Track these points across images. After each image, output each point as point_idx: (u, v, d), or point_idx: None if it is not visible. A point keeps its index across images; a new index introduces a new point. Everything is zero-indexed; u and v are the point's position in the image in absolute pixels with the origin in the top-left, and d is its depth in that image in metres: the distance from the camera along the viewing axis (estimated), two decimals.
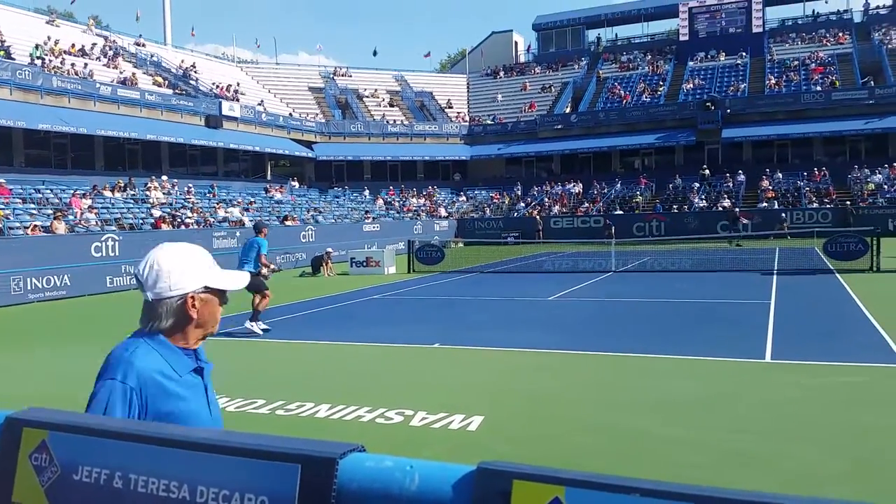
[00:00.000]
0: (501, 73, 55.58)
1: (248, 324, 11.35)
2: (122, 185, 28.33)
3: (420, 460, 1.03)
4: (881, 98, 38.48)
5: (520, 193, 43.90)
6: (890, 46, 43.92)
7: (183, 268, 1.80)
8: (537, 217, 38.24)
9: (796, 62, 45.34)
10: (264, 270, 11.31)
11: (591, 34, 57.58)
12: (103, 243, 20.75)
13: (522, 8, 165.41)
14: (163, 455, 1.06)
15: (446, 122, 49.06)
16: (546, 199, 42.09)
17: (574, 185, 42.83)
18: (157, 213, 26.38)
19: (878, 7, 51.82)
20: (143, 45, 41.37)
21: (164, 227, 25.25)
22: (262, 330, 11.39)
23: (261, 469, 1.00)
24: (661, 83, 47.54)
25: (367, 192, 42.86)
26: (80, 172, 29.90)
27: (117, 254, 20.85)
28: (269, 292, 11.45)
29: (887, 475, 4.74)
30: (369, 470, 1.03)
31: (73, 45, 35.31)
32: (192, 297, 1.85)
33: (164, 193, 29.28)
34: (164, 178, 31.19)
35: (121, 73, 35.29)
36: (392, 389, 7.52)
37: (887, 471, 4.81)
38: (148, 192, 28.51)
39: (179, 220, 26.44)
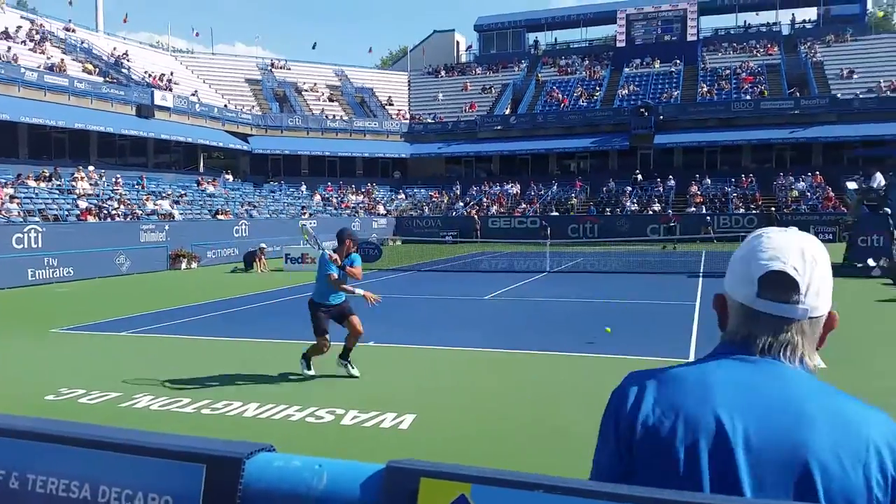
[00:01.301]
0: (443, 73, 55.71)
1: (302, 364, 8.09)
2: (47, 174, 27.20)
3: (330, 459, 1.03)
4: (806, 109, 40.22)
5: (459, 193, 44.12)
6: (814, 60, 45.94)
7: None
8: (475, 216, 38.52)
9: (728, 71, 46.94)
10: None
11: (532, 37, 58.30)
12: (25, 235, 19.94)
13: (464, 8, 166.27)
14: (63, 454, 1.03)
15: (387, 119, 48.86)
16: (484, 199, 42.43)
17: (512, 186, 43.30)
18: (83, 204, 25.44)
19: (804, 21, 54.13)
20: (73, 31, 39.80)
21: (91, 218, 24.39)
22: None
23: (165, 469, 0.98)
24: (598, 88, 48.50)
25: (304, 188, 42.31)
26: (2, 161, 28.55)
27: (40, 246, 20.07)
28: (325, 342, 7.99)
29: None
30: (277, 470, 1.02)
31: None
32: None
33: (90, 184, 28.25)
34: (92, 168, 30.10)
35: (48, 58, 33.88)
36: (323, 388, 7.46)
37: None
38: (74, 183, 27.45)
39: (106, 212, 25.57)
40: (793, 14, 54.11)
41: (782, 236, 1.22)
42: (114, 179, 29.86)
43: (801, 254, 1.18)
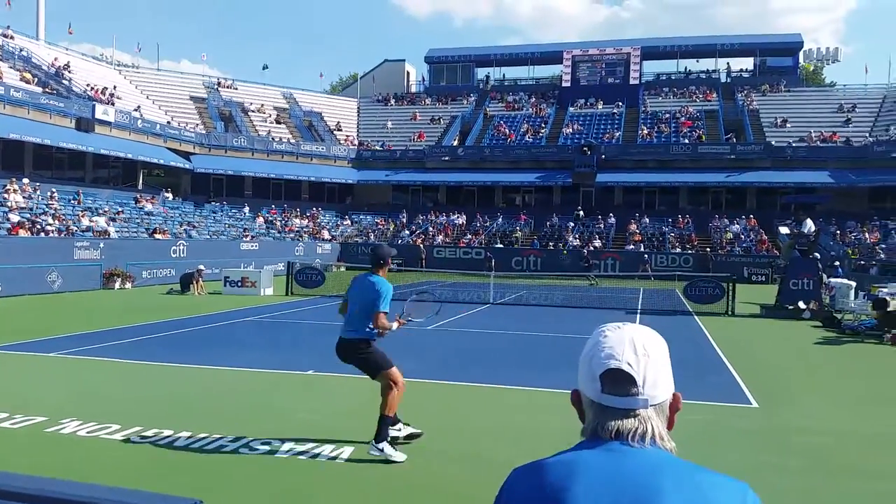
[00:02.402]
0: (392, 101, 56.02)
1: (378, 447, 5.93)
2: None
3: None
4: (741, 154, 41.86)
5: (405, 221, 44.14)
6: (750, 108, 47.95)
7: None
8: (421, 245, 38.53)
9: (667, 115, 48.55)
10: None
11: (481, 72, 59.28)
12: None
13: (416, 39, 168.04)
14: None
15: (335, 144, 48.71)
16: (430, 229, 42.54)
17: (458, 217, 43.58)
18: (14, 217, 24.46)
19: (741, 70, 56.53)
20: (12, 38, 38.60)
21: (23, 233, 23.46)
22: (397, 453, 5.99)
23: None
24: (544, 125, 49.50)
25: (247, 210, 41.65)
26: None
27: None
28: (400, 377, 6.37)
29: None
30: None
31: None
32: None
33: (24, 197, 27.22)
34: (26, 180, 29.02)
35: None
36: (259, 417, 7.27)
37: None
38: (6, 195, 26.40)
39: (39, 226, 24.64)
40: (728, 63, 56.52)
41: (616, 333, 1.33)
42: (49, 193, 28.85)
43: (634, 349, 1.29)
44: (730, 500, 1.18)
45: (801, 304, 18.57)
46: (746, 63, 56.79)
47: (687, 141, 44.34)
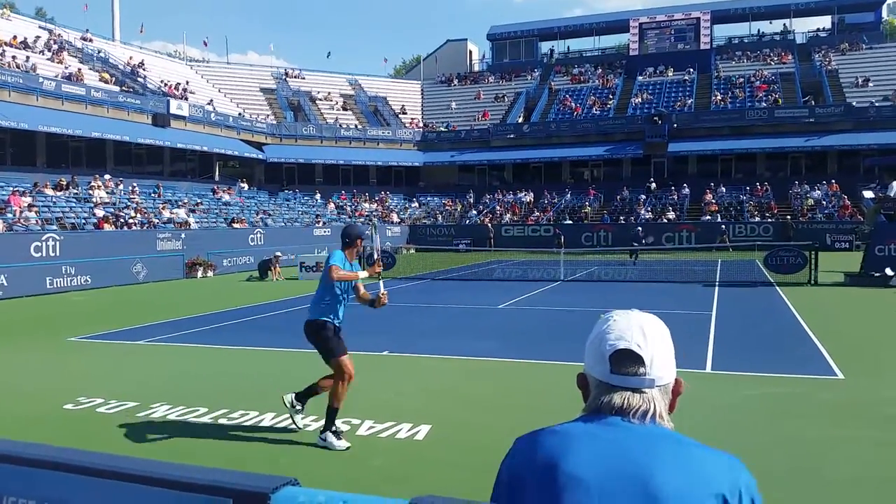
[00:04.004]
0: (455, 81, 55.83)
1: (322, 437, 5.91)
2: (65, 183, 27.48)
3: (354, 494, 1.02)
4: (821, 117, 39.95)
5: (472, 201, 44.13)
6: (829, 68, 45.64)
7: None
8: (489, 225, 38.49)
9: (741, 79, 46.73)
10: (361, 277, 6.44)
11: (545, 46, 58.34)
12: (43, 243, 20.14)
13: (477, 18, 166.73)
14: (87, 486, 1.02)
15: (400, 128, 49.00)
16: (498, 207, 42.40)
17: (525, 195, 43.25)
18: (99, 212, 25.67)
19: (818, 29, 53.82)
20: (90, 41, 40.28)
21: (108, 227, 24.59)
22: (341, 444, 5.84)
23: (191, 502, 0.97)
24: (611, 96, 48.43)
25: (318, 196, 42.49)
26: (20, 169, 28.89)
27: (58, 254, 20.26)
28: (348, 363, 6.12)
29: (818, 483, 4.90)
30: None
31: (14, 38, 34.16)
32: None
33: (107, 193, 28.51)
34: (108, 176, 30.37)
35: (66, 67, 34.29)
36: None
37: (818, 480, 4.97)
38: (91, 192, 27.71)
39: (123, 220, 25.78)
40: (806, 22, 53.82)
41: (624, 318, 1.41)
42: (130, 188, 30.13)
43: (642, 332, 1.36)
44: (723, 474, 1.21)
45: (889, 271, 17.69)
46: (824, 21, 54.01)
47: (763, 105, 42.62)
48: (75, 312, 15.62)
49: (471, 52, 62.29)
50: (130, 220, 26.01)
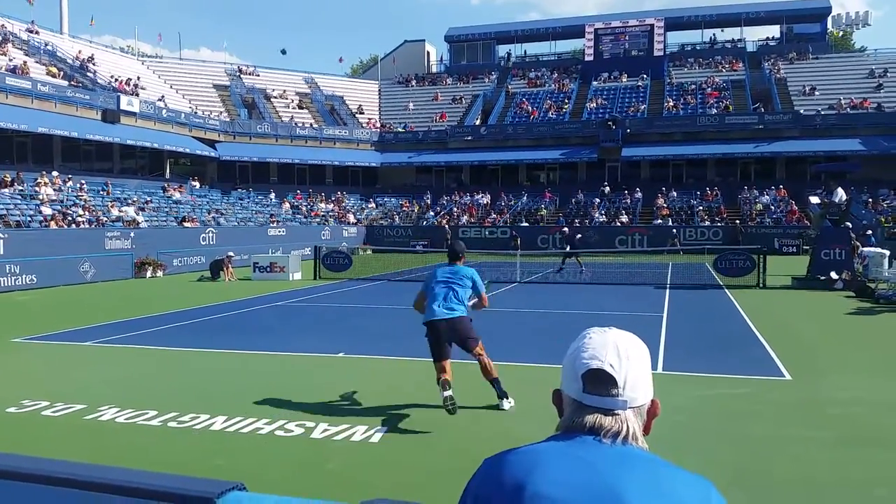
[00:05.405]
0: (413, 82, 55.79)
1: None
2: (10, 179, 26.58)
3: (301, 499, 1.00)
4: (770, 123, 41.08)
5: (429, 202, 44.13)
6: (778, 76, 46.95)
7: None
8: (446, 226, 38.54)
9: (693, 86, 47.74)
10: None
11: (502, 49, 58.73)
12: None
13: (434, 19, 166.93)
14: (31, 493, 0.99)
15: (357, 128, 48.73)
16: (455, 209, 42.50)
17: (482, 196, 43.46)
18: (46, 210, 24.92)
19: (767, 38, 55.31)
20: (37, 33, 39.06)
21: (54, 225, 23.89)
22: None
23: None
24: (567, 101, 48.98)
25: (273, 195, 41.95)
26: None
27: (2, 252, 19.63)
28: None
29: (766, 484, 5.02)
30: None
31: None
32: None
33: (54, 190, 27.69)
34: (56, 173, 29.50)
35: (10, 60, 33.18)
36: (292, 400, 7.36)
37: (766, 480, 5.09)
38: (37, 189, 26.87)
39: (70, 218, 25.07)
40: (756, 31, 55.28)
41: (600, 336, 1.37)
42: (78, 185, 29.31)
43: (617, 352, 1.32)
44: (693, 496, 1.18)
45: (834, 275, 18.28)
46: (773, 31, 55.55)
47: (714, 112, 43.62)
48: (20, 312, 15.14)
49: (428, 53, 62.33)
50: (78, 218, 25.31)
